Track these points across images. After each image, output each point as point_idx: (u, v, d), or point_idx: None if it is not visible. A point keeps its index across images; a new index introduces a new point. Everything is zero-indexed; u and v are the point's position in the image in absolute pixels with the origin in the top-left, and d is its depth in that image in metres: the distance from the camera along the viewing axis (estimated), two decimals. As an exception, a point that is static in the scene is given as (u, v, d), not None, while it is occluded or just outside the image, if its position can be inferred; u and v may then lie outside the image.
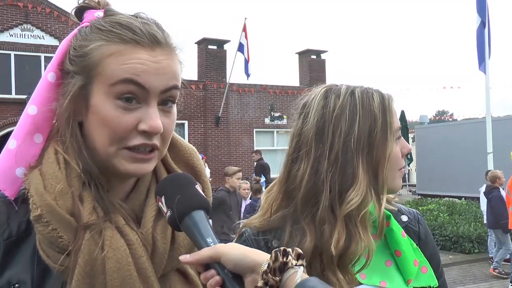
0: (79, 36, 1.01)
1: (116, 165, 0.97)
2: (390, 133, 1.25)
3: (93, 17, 1.03)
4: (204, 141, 19.24)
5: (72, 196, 0.93)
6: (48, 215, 0.91)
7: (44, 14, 17.27)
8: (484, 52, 11.22)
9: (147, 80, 0.94)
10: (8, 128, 16.67)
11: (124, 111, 0.94)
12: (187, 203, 0.92)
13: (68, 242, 0.91)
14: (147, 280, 0.95)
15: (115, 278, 0.91)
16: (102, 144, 0.96)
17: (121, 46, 0.95)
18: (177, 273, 1.06)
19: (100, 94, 0.95)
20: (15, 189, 0.99)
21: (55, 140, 1.00)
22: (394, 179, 1.30)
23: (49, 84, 1.01)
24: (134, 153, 0.96)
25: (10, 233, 0.96)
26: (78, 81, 0.97)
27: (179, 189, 0.94)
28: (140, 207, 1.04)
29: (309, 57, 22.37)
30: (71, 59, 0.99)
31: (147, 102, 0.96)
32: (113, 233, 0.94)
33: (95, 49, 0.96)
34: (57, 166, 0.96)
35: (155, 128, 0.95)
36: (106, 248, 0.91)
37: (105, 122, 0.95)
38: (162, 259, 0.99)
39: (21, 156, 0.99)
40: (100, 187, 0.99)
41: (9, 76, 16.85)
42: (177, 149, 1.13)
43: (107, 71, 0.94)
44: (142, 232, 0.98)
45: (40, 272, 0.95)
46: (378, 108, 1.25)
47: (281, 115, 21.27)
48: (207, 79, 19.59)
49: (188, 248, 1.04)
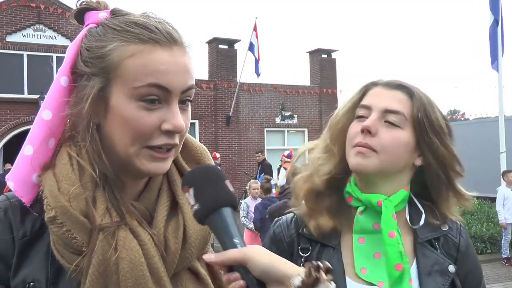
0: (90, 37, 0.99)
1: (136, 164, 0.97)
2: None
3: (97, 18, 1.01)
4: (215, 140, 19.27)
5: (86, 198, 0.94)
6: (63, 217, 0.92)
7: (56, 14, 17.40)
8: (497, 50, 11.11)
9: (168, 81, 0.94)
10: (21, 128, 16.85)
11: (147, 112, 0.94)
12: (217, 199, 0.89)
13: (82, 243, 0.92)
14: (160, 280, 0.96)
15: (128, 278, 0.92)
16: (123, 144, 0.96)
17: (140, 46, 0.95)
18: (188, 272, 1.07)
19: (121, 95, 0.95)
20: (31, 196, 0.99)
21: (67, 144, 1.00)
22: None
23: (62, 88, 1.00)
24: (155, 152, 0.97)
25: (24, 232, 0.97)
26: (97, 83, 0.95)
27: (209, 183, 0.91)
28: (152, 206, 1.04)
29: (320, 56, 22.30)
30: (86, 61, 0.98)
31: (168, 102, 0.96)
32: (126, 233, 0.95)
33: (113, 50, 0.95)
34: (70, 168, 0.96)
35: (179, 127, 0.96)
36: (119, 249, 0.92)
37: (127, 123, 0.94)
38: (173, 259, 1.00)
39: (36, 162, 0.99)
40: (114, 189, 0.99)
41: (21, 76, 17.01)
42: (188, 149, 1.13)
43: (128, 73, 0.94)
44: (154, 232, 0.99)
45: (54, 271, 0.96)
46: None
47: (292, 115, 21.24)
48: (218, 79, 19.61)
49: (200, 248, 1.05)
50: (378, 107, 1.32)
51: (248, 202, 8.81)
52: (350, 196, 1.37)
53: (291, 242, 1.41)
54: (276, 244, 1.43)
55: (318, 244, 1.37)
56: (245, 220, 8.60)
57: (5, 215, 0.97)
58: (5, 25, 16.81)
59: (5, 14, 16.80)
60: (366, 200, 1.33)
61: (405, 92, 1.34)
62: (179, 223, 1.02)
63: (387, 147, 1.29)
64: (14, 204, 0.99)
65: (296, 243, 1.40)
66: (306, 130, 21.51)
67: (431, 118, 1.32)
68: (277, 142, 20.77)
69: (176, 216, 1.04)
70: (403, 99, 1.33)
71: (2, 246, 0.95)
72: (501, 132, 11.42)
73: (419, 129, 1.32)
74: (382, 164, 1.29)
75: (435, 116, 1.33)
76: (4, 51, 16.83)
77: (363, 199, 1.33)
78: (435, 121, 1.33)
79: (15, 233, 0.96)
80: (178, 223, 1.02)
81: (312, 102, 21.80)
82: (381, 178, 1.33)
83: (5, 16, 16.80)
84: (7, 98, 16.66)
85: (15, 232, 0.96)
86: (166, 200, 1.05)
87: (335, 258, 1.33)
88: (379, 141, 1.29)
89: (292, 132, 21.39)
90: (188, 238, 1.02)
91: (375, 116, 1.31)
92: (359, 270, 1.29)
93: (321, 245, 1.36)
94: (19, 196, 0.98)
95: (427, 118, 1.32)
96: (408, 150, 1.32)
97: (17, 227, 0.97)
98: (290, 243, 1.41)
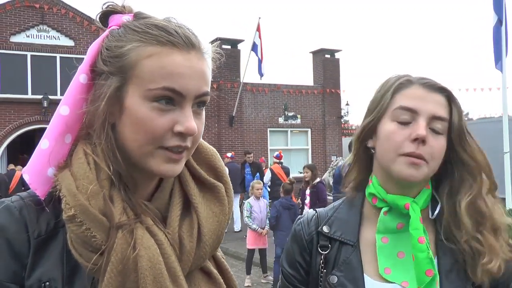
0: (111, 37, 1.01)
1: (150, 164, 0.98)
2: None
3: (120, 21, 1.03)
4: (218, 140, 19.29)
5: (103, 197, 0.95)
6: (82, 215, 0.92)
7: (60, 15, 17.46)
8: (501, 50, 11.07)
9: (183, 85, 0.96)
10: (24, 128, 16.90)
11: (160, 113, 0.95)
12: None
13: (101, 242, 0.92)
14: (176, 279, 0.97)
15: (147, 276, 0.92)
16: (138, 145, 0.97)
17: (158, 48, 0.96)
18: (201, 272, 1.08)
19: (135, 96, 0.96)
20: (46, 189, 1.00)
21: (83, 142, 1.01)
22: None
23: (81, 85, 1.01)
24: (170, 153, 0.98)
25: (40, 231, 0.97)
26: (114, 82, 0.97)
27: None
28: (165, 207, 1.06)
29: (323, 56, 22.31)
30: (105, 60, 0.99)
31: (181, 105, 0.97)
32: (143, 232, 0.95)
33: (132, 50, 0.96)
34: (87, 166, 0.97)
35: (191, 130, 0.97)
36: (138, 247, 0.93)
37: (141, 123, 0.95)
38: (189, 258, 1.01)
39: (54, 157, 1.00)
40: (127, 189, 1.00)
41: (25, 76, 17.08)
42: (198, 151, 1.14)
43: (144, 74, 0.95)
44: (169, 232, 1.00)
45: (70, 269, 0.97)
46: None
47: (295, 115, 21.24)
48: (221, 79, 19.63)
49: (213, 246, 1.07)
50: (425, 113, 1.27)
51: (251, 202, 8.82)
52: (375, 197, 1.37)
53: (310, 240, 1.42)
54: (297, 241, 1.45)
55: (337, 242, 1.38)
56: (248, 220, 8.62)
57: (20, 214, 0.98)
58: (9, 25, 16.88)
59: (9, 15, 16.87)
60: (392, 202, 1.32)
61: (445, 96, 1.31)
62: (193, 222, 1.04)
63: (436, 157, 1.28)
64: (28, 204, 0.99)
65: (316, 240, 1.41)
66: (309, 130, 21.51)
67: (465, 124, 1.32)
68: (280, 142, 20.77)
69: (189, 216, 1.05)
70: (445, 104, 1.30)
71: (18, 245, 0.96)
72: (505, 132, 11.37)
73: (458, 137, 1.31)
74: (430, 172, 1.28)
75: (464, 120, 1.33)
76: (8, 52, 16.90)
77: (389, 200, 1.32)
78: (465, 124, 1.33)
79: (30, 232, 0.97)
80: (192, 222, 1.04)
81: (315, 102, 21.79)
82: (419, 183, 1.32)
83: (9, 17, 16.87)
84: (11, 98, 16.73)
85: (30, 231, 0.97)
86: (179, 200, 1.06)
87: (354, 255, 1.34)
88: (431, 151, 1.26)
89: (295, 132, 21.39)
90: (203, 237, 1.04)
91: (424, 122, 1.26)
92: (383, 271, 1.29)
93: (340, 243, 1.37)
94: (33, 188, 0.99)
95: (462, 124, 1.32)
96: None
97: (32, 226, 0.97)
98: (309, 241, 1.42)
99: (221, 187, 1.11)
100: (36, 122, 17.07)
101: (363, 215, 1.41)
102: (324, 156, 21.42)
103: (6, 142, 16.87)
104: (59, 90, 17.24)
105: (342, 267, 1.33)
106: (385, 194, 1.33)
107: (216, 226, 1.06)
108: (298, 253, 1.43)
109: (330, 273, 1.34)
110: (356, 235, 1.37)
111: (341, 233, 1.38)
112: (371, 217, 1.38)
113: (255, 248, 8.65)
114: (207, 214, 1.07)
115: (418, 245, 1.26)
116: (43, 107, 16.89)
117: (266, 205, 8.98)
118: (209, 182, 1.11)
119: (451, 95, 1.31)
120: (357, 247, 1.35)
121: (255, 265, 8.77)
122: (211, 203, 1.09)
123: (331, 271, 1.34)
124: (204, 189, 1.10)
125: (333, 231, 1.40)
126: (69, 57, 17.24)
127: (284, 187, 8.76)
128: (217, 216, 1.08)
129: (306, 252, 1.42)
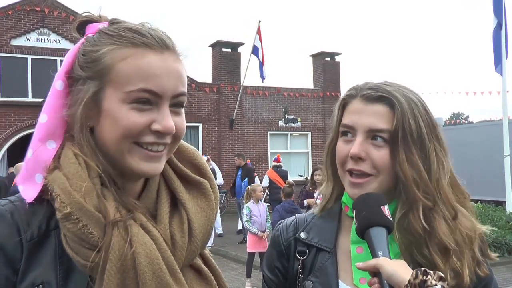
0: (87, 43, 1.04)
1: (129, 162, 1.00)
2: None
3: (96, 29, 1.06)
4: (218, 144, 19.29)
5: (97, 194, 0.96)
6: (78, 212, 0.93)
7: (60, 18, 17.48)
8: (501, 53, 11.10)
9: (159, 85, 0.98)
10: (25, 131, 16.89)
11: (138, 112, 0.98)
12: (369, 220, 1.14)
13: (98, 238, 0.93)
14: (174, 272, 0.99)
15: (146, 272, 0.94)
16: (115, 142, 0.99)
17: (132, 49, 0.98)
18: (191, 269, 1.10)
19: (113, 99, 0.98)
20: (33, 193, 1.01)
21: (70, 144, 1.02)
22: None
23: (57, 92, 1.04)
24: (148, 151, 1.00)
25: (32, 235, 0.98)
26: (91, 87, 0.99)
27: (366, 207, 1.17)
28: (153, 206, 1.08)
29: (323, 60, 22.33)
30: (82, 66, 1.02)
31: (159, 105, 1.00)
32: (138, 229, 0.97)
33: (107, 53, 0.99)
34: (79, 166, 0.98)
35: (169, 128, 0.99)
36: (134, 244, 0.94)
37: (117, 122, 0.98)
38: (182, 253, 1.03)
39: (36, 163, 1.02)
40: (116, 188, 1.02)
41: (25, 79, 17.08)
42: (180, 150, 1.16)
43: (121, 76, 0.98)
44: (161, 228, 1.02)
45: (63, 271, 0.97)
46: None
47: (295, 118, 21.24)
48: (221, 82, 19.64)
49: (203, 241, 1.10)
50: (361, 127, 1.26)
51: (250, 206, 8.79)
52: (347, 206, 1.38)
53: (288, 245, 1.43)
54: (275, 247, 1.46)
55: (314, 248, 1.38)
56: (248, 224, 8.59)
57: (12, 218, 0.98)
58: (9, 29, 16.90)
59: (9, 18, 16.89)
60: None
61: (386, 103, 1.26)
62: (183, 218, 1.06)
63: (381, 169, 1.25)
64: (19, 207, 1.00)
65: (293, 246, 1.42)
66: (309, 133, 21.51)
67: (406, 129, 1.23)
68: (281, 145, 20.77)
69: (178, 213, 1.07)
70: (385, 113, 1.25)
71: (10, 249, 0.96)
72: (505, 135, 11.40)
73: (397, 146, 1.24)
74: (381, 185, 1.27)
75: (412, 126, 1.24)
76: (9, 55, 16.91)
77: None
78: (409, 132, 1.23)
79: (23, 235, 0.97)
80: (182, 218, 1.06)
81: (315, 105, 21.80)
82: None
83: (9, 20, 16.89)
84: (11, 101, 16.73)
85: (23, 235, 0.97)
86: (166, 198, 1.09)
87: (329, 261, 1.34)
88: (373, 164, 1.25)
89: (296, 135, 21.39)
90: (194, 231, 1.06)
91: (360, 138, 1.25)
92: (358, 281, 1.29)
93: (317, 249, 1.38)
94: (22, 196, 1.00)
95: (402, 130, 1.23)
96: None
97: (24, 230, 0.97)
98: (287, 246, 1.43)
99: (206, 183, 1.14)
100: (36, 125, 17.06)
101: (341, 223, 1.41)
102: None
103: (7, 145, 16.87)
104: (60, 93, 17.22)
105: (317, 273, 1.34)
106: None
107: (205, 221, 1.10)
108: (277, 258, 1.44)
109: (306, 278, 1.35)
110: (333, 242, 1.37)
111: (318, 239, 1.39)
112: (347, 226, 1.38)
113: (255, 252, 8.64)
114: (195, 210, 1.09)
115: (356, 254, 1.30)
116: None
117: (265, 208, 8.96)
118: (194, 179, 1.14)
119: (393, 103, 1.25)
120: (334, 254, 1.35)
121: (255, 269, 8.75)
122: (198, 199, 1.12)
123: (307, 276, 1.35)
124: (190, 186, 1.13)
125: (311, 237, 1.40)
126: (70, 60, 17.23)
127: (284, 190, 8.78)
128: (205, 211, 1.11)
129: (284, 257, 1.43)
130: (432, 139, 1.27)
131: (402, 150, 1.23)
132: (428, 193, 1.23)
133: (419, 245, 1.23)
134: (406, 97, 1.27)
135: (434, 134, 1.28)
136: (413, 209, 1.23)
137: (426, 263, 1.21)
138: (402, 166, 1.22)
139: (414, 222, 1.22)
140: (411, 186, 1.22)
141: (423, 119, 1.26)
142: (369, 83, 1.32)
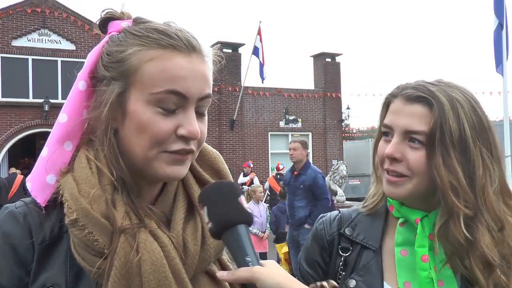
0: (111, 43, 1.01)
1: (155, 168, 0.98)
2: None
3: (119, 27, 1.03)
4: (219, 144, 19.29)
5: (105, 201, 0.94)
6: (84, 219, 0.92)
7: (61, 19, 17.51)
8: (502, 54, 11.09)
9: (186, 87, 0.96)
10: (25, 132, 16.92)
11: (164, 117, 0.96)
12: (227, 218, 0.92)
13: (104, 245, 0.92)
14: (182, 281, 0.96)
15: (151, 280, 0.92)
16: (142, 149, 0.97)
17: (159, 51, 0.96)
18: (206, 275, 1.08)
19: (138, 100, 0.96)
20: (46, 195, 1.00)
21: (85, 148, 1.01)
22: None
23: (80, 92, 1.02)
24: (174, 155, 0.98)
25: (44, 237, 0.98)
26: (116, 87, 0.97)
27: (221, 201, 0.94)
28: (169, 210, 1.05)
29: (324, 60, 22.33)
30: (106, 66, 0.99)
31: (185, 108, 0.97)
32: (146, 236, 0.95)
33: (133, 54, 0.97)
34: (89, 171, 0.97)
35: (194, 133, 0.97)
36: (141, 251, 0.93)
37: (144, 127, 0.95)
38: (193, 260, 1.00)
39: (51, 163, 1.01)
40: (131, 193, 1.00)
41: (26, 80, 17.10)
42: (202, 154, 1.14)
43: (146, 78, 0.95)
44: (173, 235, 0.99)
45: (74, 275, 0.96)
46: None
47: (296, 118, 21.24)
48: (222, 82, 19.64)
49: (218, 249, 1.06)
50: (398, 128, 1.23)
51: (251, 206, 8.79)
52: (392, 205, 1.35)
53: (331, 241, 1.39)
54: (317, 240, 1.42)
55: (359, 245, 1.35)
56: (249, 225, 8.61)
57: (25, 220, 0.98)
58: (10, 29, 16.93)
59: (10, 19, 16.92)
60: (404, 214, 1.30)
61: (425, 104, 1.21)
62: (197, 225, 1.03)
63: (416, 171, 1.21)
64: (33, 209, 1.00)
65: (337, 242, 1.38)
66: (310, 134, 21.50)
67: (445, 131, 1.17)
68: (281, 146, 20.76)
69: (193, 219, 1.05)
70: (423, 113, 1.20)
71: (22, 251, 0.96)
72: (506, 136, 11.37)
73: (434, 149, 1.19)
74: (417, 187, 1.23)
75: (453, 128, 1.18)
76: (10, 56, 16.94)
77: (402, 212, 1.30)
78: (448, 134, 1.17)
79: (35, 238, 0.97)
80: (196, 225, 1.03)
81: (316, 106, 21.79)
82: (417, 199, 1.27)
83: (10, 21, 16.92)
84: (12, 102, 16.76)
85: (35, 237, 0.97)
86: (182, 203, 1.06)
87: (374, 261, 1.30)
88: (407, 165, 1.22)
89: (296, 136, 21.38)
90: (207, 239, 1.03)
91: (396, 139, 1.23)
92: (403, 284, 1.25)
93: (362, 247, 1.34)
94: (33, 195, 1.00)
95: (441, 131, 1.18)
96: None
97: (37, 232, 0.97)
98: (330, 241, 1.39)
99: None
100: (37, 126, 17.09)
101: (387, 222, 1.37)
102: (325, 159, 21.40)
103: (7, 146, 16.88)
104: (60, 94, 17.27)
105: (361, 271, 1.30)
106: (398, 205, 1.31)
107: None
108: (318, 253, 1.41)
109: (348, 276, 1.31)
110: (379, 241, 1.33)
111: (363, 237, 1.35)
112: (393, 227, 1.34)
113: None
114: None
115: (421, 263, 1.22)
116: (44, 111, 16.90)
117: (265, 209, 8.98)
118: None
119: (431, 103, 1.20)
120: (379, 254, 1.31)
121: (255, 269, 8.75)
122: None
123: (349, 274, 1.31)
124: None
125: (356, 234, 1.36)
126: (70, 61, 17.28)
127: (279, 192, 8.97)
128: None
129: (326, 252, 1.39)
130: (478, 142, 1.19)
131: (439, 153, 1.17)
132: (468, 200, 1.16)
133: (461, 256, 1.17)
134: (449, 96, 1.20)
135: (483, 137, 1.20)
136: (453, 218, 1.16)
137: (469, 275, 1.17)
138: (439, 170, 1.17)
139: (455, 231, 1.15)
140: (448, 191, 1.16)
141: (468, 120, 1.19)
142: (417, 81, 1.29)
